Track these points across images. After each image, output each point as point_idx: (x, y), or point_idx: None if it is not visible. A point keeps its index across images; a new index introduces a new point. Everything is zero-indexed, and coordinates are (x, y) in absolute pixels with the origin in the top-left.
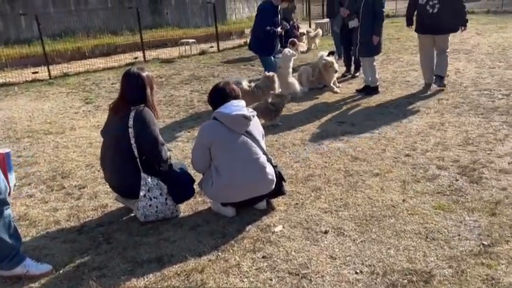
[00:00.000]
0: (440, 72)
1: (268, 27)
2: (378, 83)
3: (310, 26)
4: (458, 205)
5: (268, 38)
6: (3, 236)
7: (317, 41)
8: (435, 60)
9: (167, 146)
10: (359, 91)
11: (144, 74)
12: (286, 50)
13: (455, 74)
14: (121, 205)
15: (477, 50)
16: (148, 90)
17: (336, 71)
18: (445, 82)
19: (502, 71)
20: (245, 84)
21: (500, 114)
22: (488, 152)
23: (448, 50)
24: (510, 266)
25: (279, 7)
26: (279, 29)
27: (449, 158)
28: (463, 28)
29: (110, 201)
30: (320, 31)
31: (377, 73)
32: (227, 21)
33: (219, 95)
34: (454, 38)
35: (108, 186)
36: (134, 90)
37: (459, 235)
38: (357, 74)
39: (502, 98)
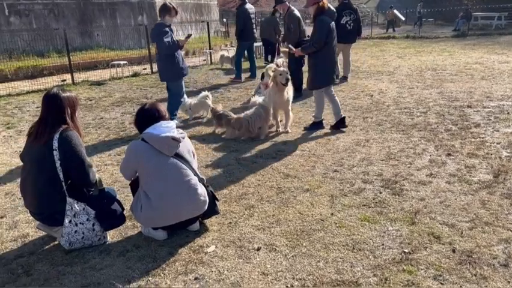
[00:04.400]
0: (346, 74)
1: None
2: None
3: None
4: (382, 216)
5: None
6: None
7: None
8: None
9: (96, 169)
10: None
11: (64, 94)
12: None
13: (379, 94)
14: (43, 234)
15: (398, 71)
16: (68, 112)
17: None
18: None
19: (419, 90)
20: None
21: (419, 130)
22: (408, 165)
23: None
24: (428, 270)
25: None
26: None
27: (373, 172)
28: (359, 37)
29: (31, 230)
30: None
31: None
32: None
33: (146, 117)
34: (377, 61)
35: (29, 214)
36: (53, 112)
37: (383, 244)
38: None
39: (420, 116)
